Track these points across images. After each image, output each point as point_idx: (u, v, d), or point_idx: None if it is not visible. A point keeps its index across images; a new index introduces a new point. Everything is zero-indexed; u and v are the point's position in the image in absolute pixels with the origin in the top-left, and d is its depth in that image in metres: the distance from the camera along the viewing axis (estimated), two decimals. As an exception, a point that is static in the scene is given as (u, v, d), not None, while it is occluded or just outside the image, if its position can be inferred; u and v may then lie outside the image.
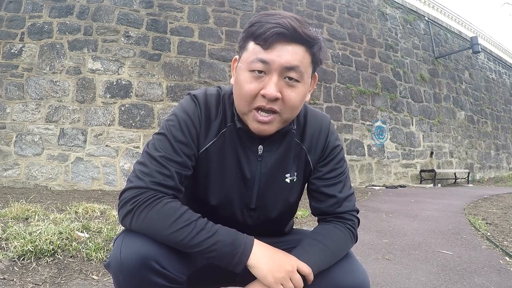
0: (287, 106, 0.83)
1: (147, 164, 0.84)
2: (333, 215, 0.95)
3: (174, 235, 0.77)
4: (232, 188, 0.94)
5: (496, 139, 13.24)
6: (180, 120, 0.89)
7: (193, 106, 0.92)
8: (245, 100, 0.83)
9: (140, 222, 0.79)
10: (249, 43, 0.83)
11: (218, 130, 0.92)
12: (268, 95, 0.80)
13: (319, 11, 8.52)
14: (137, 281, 0.76)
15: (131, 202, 0.80)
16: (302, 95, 0.85)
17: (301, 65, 0.81)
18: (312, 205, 0.99)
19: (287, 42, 0.80)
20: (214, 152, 0.92)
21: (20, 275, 1.79)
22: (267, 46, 0.80)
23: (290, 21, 0.79)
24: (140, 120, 6.12)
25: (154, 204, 0.79)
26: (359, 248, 2.75)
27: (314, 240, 0.89)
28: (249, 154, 0.93)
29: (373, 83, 8.97)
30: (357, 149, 8.33)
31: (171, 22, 6.68)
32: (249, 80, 0.82)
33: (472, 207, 5.05)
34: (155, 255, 0.76)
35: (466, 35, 12.89)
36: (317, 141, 0.97)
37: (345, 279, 0.85)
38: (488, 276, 2.19)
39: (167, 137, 0.87)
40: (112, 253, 0.79)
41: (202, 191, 0.96)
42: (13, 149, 5.70)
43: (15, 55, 5.98)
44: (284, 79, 0.82)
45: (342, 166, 0.98)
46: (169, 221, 0.78)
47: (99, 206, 3.33)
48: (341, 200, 0.95)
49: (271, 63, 0.80)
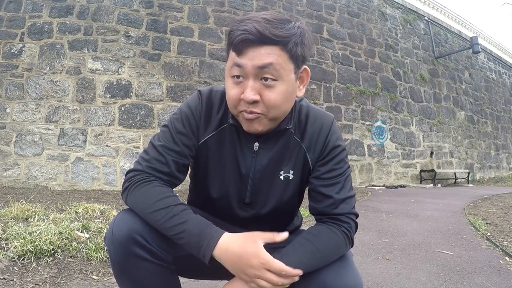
0: (268, 106, 0.85)
1: (148, 152, 0.95)
2: (329, 216, 0.94)
3: (151, 215, 0.84)
4: (229, 182, 0.99)
5: (496, 139, 13.24)
6: (182, 114, 0.97)
7: (196, 100, 0.99)
8: (232, 105, 0.89)
9: (131, 199, 0.89)
10: (230, 51, 0.88)
11: (218, 124, 0.98)
12: (245, 99, 0.84)
13: (319, 11, 8.52)
14: (125, 253, 0.83)
15: (128, 181, 0.91)
16: (283, 94, 0.86)
17: (275, 63, 0.82)
18: (310, 205, 0.99)
19: (257, 45, 0.82)
20: (213, 145, 0.98)
21: (20, 275, 1.79)
22: (239, 52, 0.83)
23: (256, 25, 0.80)
24: (140, 120, 6.12)
25: (144, 185, 0.88)
26: (359, 248, 2.75)
27: (304, 240, 0.88)
28: (245, 150, 0.97)
29: (373, 83, 8.98)
30: (357, 149, 8.33)
31: (171, 22, 6.68)
32: (231, 86, 0.87)
33: (472, 207, 5.04)
34: (141, 231, 0.84)
35: (466, 35, 12.89)
36: (316, 140, 0.97)
37: (334, 281, 0.82)
38: (488, 276, 2.19)
39: (169, 129, 0.96)
40: (108, 227, 0.88)
41: (203, 183, 1.02)
42: (13, 149, 5.71)
43: (15, 55, 5.98)
44: (261, 80, 0.84)
45: (342, 167, 0.96)
46: (150, 202, 0.85)
47: (99, 206, 3.33)
48: (338, 202, 0.93)
49: (244, 66, 0.83)
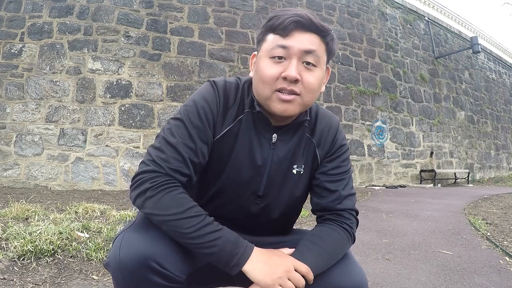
0: (306, 88, 0.87)
1: (163, 149, 0.85)
2: (332, 211, 0.96)
3: (182, 221, 0.79)
4: (244, 173, 0.94)
5: (496, 139, 13.23)
6: (198, 106, 0.90)
7: (212, 92, 0.93)
8: (268, 83, 0.87)
9: (153, 203, 0.80)
10: (268, 35, 0.89)
11: (235, 116, 0.94)
12: (289, 76, 0.84)
13: (319, 11, 8.52)
14: (136, 281, 0.76)
15: (148, 182, 0.81)
16: (319, 80, 0.90)
17: (317, 50, 0.87)
18: (314, 201, 1.00)
19: (304, 30, 0.86)
20: (230, 137, 0.94)
21: (20, 275, 1.79)
22: (286, 34, 0.86)
23: (306, 13, 0.87)
24: (140, 120, 6.12)
25: (170, 189, 0.81)
26: (359, 248, 2.75)
27: (311, 243, 0.89)
28: (263, 141, 0.95)
29: (373, 83, 8.97)
30: (357, 149, 8.33)
31: (171, 22, 6.68)
32: (270, 65, 0.87)
33: (472, 207, 5.04)
34: (154, 255, 0.76)
35: (466, 35, 12.89)
36: (326, 136, 1.00)
37: (343, 280, 0.85)
38: (488, 276, 2.19)
39: (184, 122, 0.88)
40: (112, 252, 0.79)
41: (213, 177, 0.96)
42: (13, 149, 5.71)
43: (15, 55, 5.98)
44: (303, 63, 0.87)
45: (346, 165, 1.01)
46: (182, 208, 0.80)
47: (99, 206, 3.34)
48: (342, 197, 0.96)
49: (290, 48, 0.85)
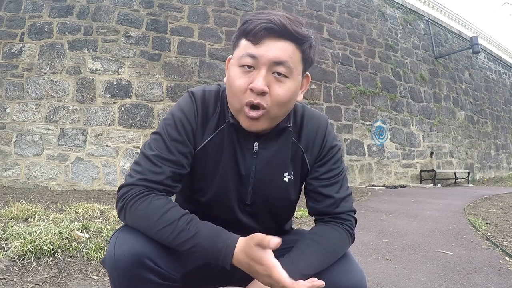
0: (274, 101, 0.83)
1: (140, 163, 0.86)
2: (330, 215, 0.95)
3: (158, 233, 0.79)
4: (229, 184, 0.94)
5: (496, 139, 13.23)
6: (176, 119, 0.90)
7: (189, 103, 0.92)
8: (236, 96, 0.84)
9: (130, 219, 0.82)
10: (241, 40, 0.85)
11: (216, 126, 0.93)
12: (256, 88, 0.80)
13: (319, 11, 8.52)
14: (131, 278, 0.76)
15: (122, 198, 0.83)
16: (291, 92, 0.85)
17: (290, 61, 0.82)
18: (310, 206, 0.99)
19: (276, 38, 0.81)
20: (212, 148, 0.93)
21: (20, 275, 1.79)
22: (256, 41, 0.81)
23: (280, 18, 0.80)
24: (140, 120, 6.12)
25: (141, 201, 0.81)
26: (359, 248, 2.75)
27: (311, 241, 0.89)
28: (245, 151, 0.93)
29: (373, 83, 8.97)
30: (357, 149, 8.33)
31: (171, 22, 6.68)
32: (239, 75, 0.83)
33: (472, 207, 5.04)
34: (148, 252, 0.77)
35: (466, 35, 12.88)
36: (314, 140, 0.97)
37: (342, 279, 0.85)
38: (488, 276, 2.19)
39: (162, 136, 0.88)
40: (108, 250, 0.81)
41: (199, 186, 0.96)
42: (13, 149, 5.70)
43: (15, 55, 5.98)
44: (273, 74, 0.82)
45: (339, 167, 0.98)
46: (152, 220, 0.79)
47: (99, 206, 3.33)
48: (339, 201, 0.95)
49: (259, 57, 0.81)
